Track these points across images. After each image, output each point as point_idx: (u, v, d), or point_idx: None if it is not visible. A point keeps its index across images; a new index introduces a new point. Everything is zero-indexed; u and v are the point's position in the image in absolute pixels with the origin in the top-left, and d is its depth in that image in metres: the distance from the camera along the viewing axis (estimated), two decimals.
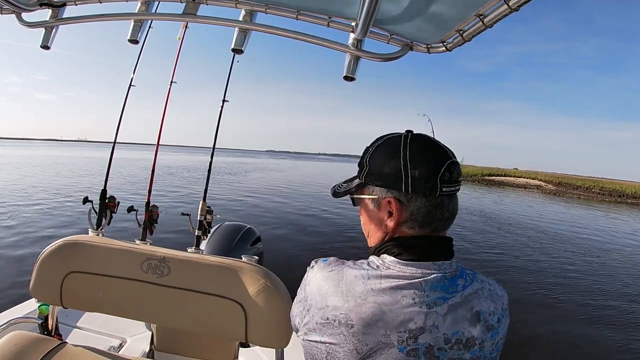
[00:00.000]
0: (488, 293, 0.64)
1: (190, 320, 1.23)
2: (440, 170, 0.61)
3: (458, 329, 0.60)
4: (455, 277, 0.63)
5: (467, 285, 0.63)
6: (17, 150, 39.76)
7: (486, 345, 0.61)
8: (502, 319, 0.64)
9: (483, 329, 0.61)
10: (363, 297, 0.60)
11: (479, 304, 0.62)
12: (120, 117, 2.50)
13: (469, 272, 0.66)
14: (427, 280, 0.61)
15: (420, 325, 0.59)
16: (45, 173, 16.09)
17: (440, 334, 0.59)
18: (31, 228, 6.33)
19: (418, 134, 0.68)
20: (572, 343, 3.87)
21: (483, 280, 0.66)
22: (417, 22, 1.10)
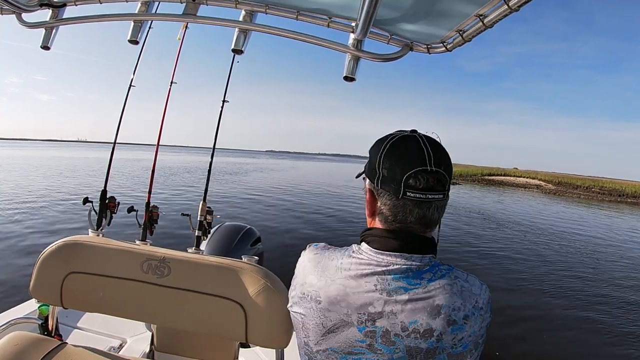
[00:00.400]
0: (458, 289, 0.64)
1: (190, 320, 1.23)
2: (405, 175, 0.64)
3: (416, 319, 0.63)
4: (422, 270, 0.66)
5: (433, 280, 0.65)
6: (18, 151, 39.75)
7: (445, 338, 0.63)
8: (471, 317, 0.64)
9: (443, 322, 0.63)
10: (332, 278, 0.68)
11: (442, 298, 0.63)
12: (121, 117, 2.50)
13: (444, 268, 0.67)
14: (391, 270, 0.65)
15: (379, 310, 0.64)
16: (47, 173, 16.09)
17: (397, 321, 0.63)
18: (31, 229, 6.33)
19: (407, 136, 0.69)
20: (570, 339, 3.88)
21: (458, 277, 0.66)
22: (417, 23, 1.10)
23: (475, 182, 34.73)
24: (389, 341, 0.64)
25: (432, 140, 0.68)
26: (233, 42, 1.29)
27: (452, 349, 0.64)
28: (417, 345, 0.63)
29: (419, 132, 0.70)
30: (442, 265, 0.68)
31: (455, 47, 1.15)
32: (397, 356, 0.64)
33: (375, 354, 0.65)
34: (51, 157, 30.71)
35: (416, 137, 0.68)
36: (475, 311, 0.64)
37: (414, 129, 0.71)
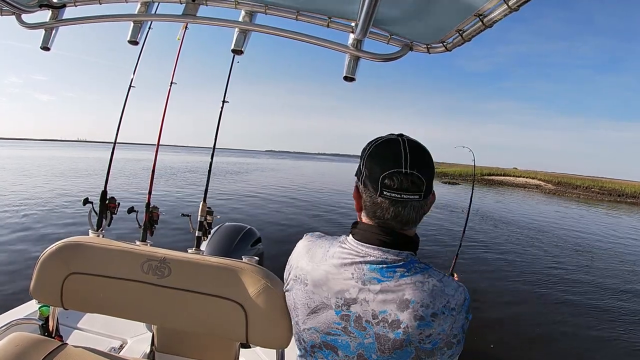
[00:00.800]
0: (429, 288, 0.67)
1: (190, 321, 1.23)
2: (382, 175, 0.68)
3: (385, 309, 0.68)
4: (397, 265, 0.70)
5: (405, 275, 0.69)
6: (19, 151, 39.69)
7: (412, 332, 0.66)
8: (440, 316, 0.66)
9: (410, 316, 0.66)
10: (319, 263, 0.76)
11: (411, 293, 0.67)
12: (121, 117, 2.50)
13: (419, 266, 0.71)
14: (367, 261, 0.71)
15: (354, 297, 0.70)
16: (48, 173, 16.08)
17: (369, 309, 0.69)
18: (31, 230, 6.33)
19: (390, 139, 0.72)
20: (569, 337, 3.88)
21: (431, 276, 0.69)
22: (416, 22, 1.10)
23: (476, 182, 34.69)
24: (360, 326, 0.70)
25: (414, 144, 0.71)
26: (233, 43, 1.29)
27: (420, 344, 0.67)
28: (385, 334, 0.68)
29: (406, 135, 0.73)
30: (418, 263, 0.72)
31: (455, 46, 1.15)
32: (368, 342, 0.70)
33: (349, 337, 0.72)
34: (52, 157, 30.65)
35: (398, 140, 0.71)
36: (445, 311, 0.67)
37: (401, 133, 0.74)
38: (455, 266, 1.37)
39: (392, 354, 0.68)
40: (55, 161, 26.08)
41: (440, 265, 2.58)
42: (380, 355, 0.69)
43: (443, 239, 7.94)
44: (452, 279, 0.71)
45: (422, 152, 0.71)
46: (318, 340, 0.76)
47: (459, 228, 8.85)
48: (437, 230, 8.92)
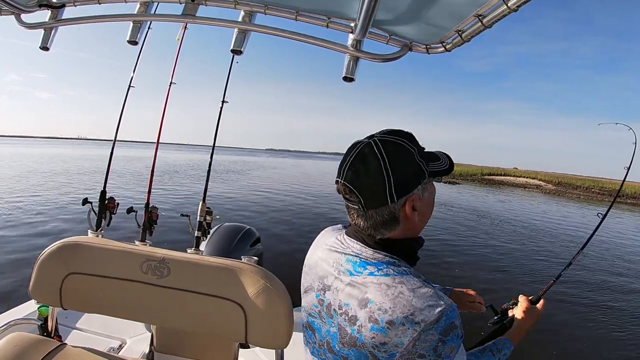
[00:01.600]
0: (393, 293, 0.64)
1: (190, 321, 1.23)
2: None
3: (349, 302, 0.69)
4: (369, 262, 0.70)
5: (373, 274, 0.68)
6: (21, 149, 39.61)
7: (364, 333, 0.65)
8: (398, 326, 0.62)
9: (366, 316, 0.65)
10: (316, 250, 0.84)
11: (373, 294, 0.66)
12: (120, 117, 2.50)
13: (396, 269, 0.68)
14: (346, 253, 0.74)
15: (329, 284, 0.74)
16: (50, 172, 16.09)
17: (337, 298, 0.71)
18: (31, 229, 6.33)
19: (353, 144, 0.73)
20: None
21: (403, 284, 0.65)
22: (416, 23, 1.10)
23: (475, 182, 34.72)
24: (329, 314, 0.73)
25: (365, 151, 0.69)
26: (232, 43, 1.28)
27: (374, 350, 0.64)
28: (345, 327, 0.69)
29: (378, 137, 0.71)
30: (396, 266, 0.69)
31: (454, 47, 1.15)
32: (333, 330, 0.72)
33: (321, 322, 0.75)
34: (57, 154, 30.52)
35: (355, 145, 0.72)
36: (405, 322, 0.62)
37: (371, 134, 0.73)
38: (547, 291, 1.20)
39: (350, 350, 0.68)
40: (59, 159, 26.05)
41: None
42: (341, 348, 0.69)
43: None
44: (432, 291, 0.64)
45: (363, 161, 0.68)
46: (305, 319, 0.82)
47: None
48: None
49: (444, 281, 1.19)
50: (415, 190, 0.70)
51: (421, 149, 0.73)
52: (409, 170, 0.68)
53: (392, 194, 0.67)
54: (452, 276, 5.53)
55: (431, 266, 5.71)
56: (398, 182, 0.67)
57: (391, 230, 0.71)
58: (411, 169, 0.69)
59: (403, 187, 0.68)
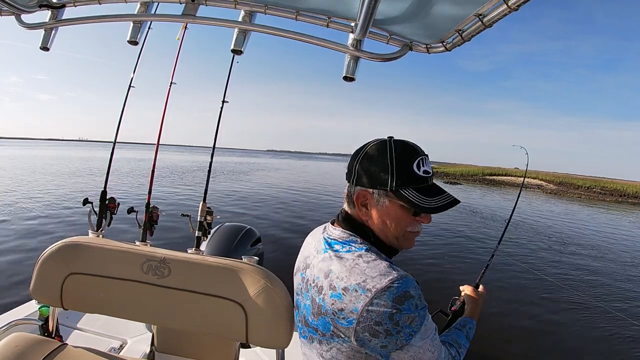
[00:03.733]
0: (351, 264, 0.71)
1: (190, 321, 1.23)
2: None
3: (318, 275, 0.75)
4: (336, 241, 0.79)
5: (338, 250, 0.76)
6: (26, 150, 39.63)
7: (326, 300, 0.72)
8: (351, 292, 0.68)
9: (327, 284, 0.72)
10: (308, 236, 0.92)
11: (335, 266, 0.73)
12: (120, 117, 2.50)
13: (357, 246, 0.76)
14: (323, 236, 0.83)
15: (309, 262, 0.81)
16: (53, 172, 16.11)
17: (312, 273, 0.78)
18: (31, 229, 6.34)
19: (371, 143, 0.81)
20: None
21: (362, 257, 0.72)
22: (416, 22, 1.10)
23: (476, 182, 34.69)
24: (306, 288, 0.79)
25: (371, 146, 0.78)
26: (232, 43, 1.28)
27: (334, 316, 0.70)
28: (314, 298, 0.75)
29: (394, 139, 0.79)
30: (358, 244, 0.77)
31: (454, 46, 1.15)
32: (308, 303, 0.78)
33: (302, 297, 0.81)
34: (63, 156, 30.54)
35: (369, 147, 0.80)
36: (358, 288, 0.67)
37: (390, 136, 0.80)
38: (482, 277, 1.30)
39: (318, 320, 0.74)
40: (65, 160, 26.07)
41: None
42: (313, 319, 0.76)
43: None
44: (387, 264, 0.70)
45: (366, 150, 0.79)
46: (294, 300, 0.90)
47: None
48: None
49: None
50: (369, 189, 0.77)
51: (412, 171, 0.75)
52: (372, 168, 0.76)
53: (353, 177, 0.79)
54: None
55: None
56: (359, 171, 0.78)
57: (351, 208, 0.82)
58: (375, 170, 0.75)
59: (359, 177, 0.78)
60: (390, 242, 0.79)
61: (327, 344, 0.73)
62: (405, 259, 5.86)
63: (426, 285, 1.20)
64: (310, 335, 0.78)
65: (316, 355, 0.78)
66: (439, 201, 0.75)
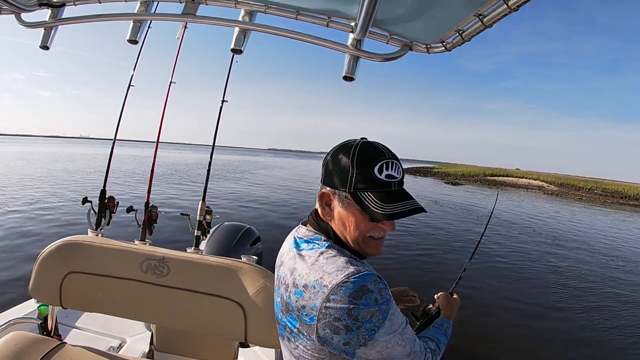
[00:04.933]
0: (311, 261, 0.72)
1: (189, 320, 1.23)
2: None
3: (286, 272, 0.77)
4: (303, 239, 0.79)
5: (303, 249, 0.77)
6: (28, 147, 39.65)
7: (291, 298, 0.73)
8: (310, 289, 0.69)
9: (291, 282, 0.74)
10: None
11: (298, 263, 0.74)
12: (120, 116, 2.50)
13: (319, 245, 0.76)
14: (294, 235, 0.83)
15: (283, 260, 0.82)
16: (54, 170, 16.13)
17: (283, 271, 0.79)
18: (30, 227, 6.35)
19: (341, 143, 0.80)
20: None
21: (323, 254, 0.72)
22: (416, 22, 1.10)
23: (477, 183, 34.64)
24: (278, 286, 0.80)
25: (336, 149, 0.78)
26: (232, 42, 1.28)
27: (299, 313, 0.71)
28: (282, 295, 0.76)
29: (365, 140, 0.78)
30: (319, 241, 0.77)
31: (454, 46, 1.15)
32: (278, 300, 0.79)
33: (277, 296, 0.81)
34: (72, 153, 30.51)
35: (362, 142, 0.78)
36: (317, 285, 0.68)
37: (364, 137, 0.79)
38: (456, 286, 1.27)
39: (286, 317, 0.75)
40: (76, 157, 26.03)
41: (441, 279, 2.53)
42: (282, 316, 0.77)
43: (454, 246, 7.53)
44: (346, 260, 0.70)
45: (334, 150, 0.79)
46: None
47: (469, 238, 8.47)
48: (448, 235, 8.55)
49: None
50: (330, 189, 0.77)
51: (371, 174, 0.71)
52: (336, 169, 0.75)
53: (321, 176, 0.80)
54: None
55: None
56: (326, 170, 0.78)
57: (320, 207, 0.80)
58: (338, 170, 0.75)
59: (325, 176, 0.78)
60: (352, 245, 0.77)
61: (294, 340, 0.75)
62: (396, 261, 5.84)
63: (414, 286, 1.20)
64: (281, 333, 0.80)
65: (287, 352, 0.79)
66: (397, 208, 0.70)
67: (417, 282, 5.13)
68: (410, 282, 5.27)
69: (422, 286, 4.89)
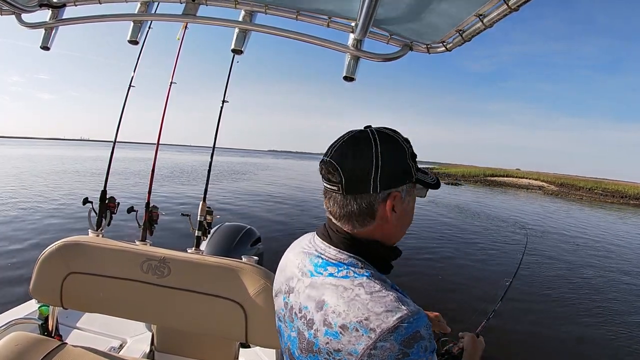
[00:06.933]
0: (349, 296, 0.59)
1: (190, 320, 1.23)
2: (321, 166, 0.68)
3: (307, 305, 0.64)
4: (331, 263, 0.65)
5: (333, 275, 0.63)
6: (29, 149, 39.62)
7: (319, 337, 0.59)
8: (351, 331, 0.56)
9: (321, 319, 0.60)
10: (288, 251, 0.78)
11: (329, 296, 0.61)
12: (120, 117, 2.50)
13: (357, 271, 0.63)
14: (310, 253, 0.70)
15: (293, 286, 0.69)
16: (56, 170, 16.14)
17: (298, 301, 0.66)
18: (30, 227, 6.35)
19: (352, 131, 0.69)
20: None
21: (361, 286, 0.60)
22: (416, 22, 1.10)
23: (478, 183, 34.63)
24: (291, 317, 0.68)
25: (357, 135, 0.66)
26: (233, 42, 1.29)
27: (329, 357, 0.59)
28: (303, 331, 0.64)
29: (375, 129, 0.67)
30: (358, 267, 0.64)
31: (455, 47, 1.15)
32: (293, 335, 0.67)
33: (285, 326, 0.71)
34: (76, 156, 30.55)
35: (349, 131, 0.68)
36: (359, 327, 0.56)
37: (368, 125, 0.69)
38: (483, 328, 1.15)
39: (307, 357, 0.62)
40: (81, 159, 25.96)
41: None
42: (299, 354, 0.64)
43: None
44: (394, 296, 0.58)
45: (355, 143, 0.64)
46: (276, 323, 0.77)
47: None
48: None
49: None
50: (400, 189, 0.65)
51: (414, 154, 0.68)
52: (398, 164, 0.64)
53: (377, 182, 0.62)
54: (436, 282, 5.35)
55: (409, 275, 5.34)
56: (385, 172, 0.62)
57: (364, 225, 0.66)
58: (400, 165, 0.65)
59: (389, 178, 0.63)
60: (392, 241, 0.70)
61: None
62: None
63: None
64: None
65: None
66: (429, 172, 0.71)
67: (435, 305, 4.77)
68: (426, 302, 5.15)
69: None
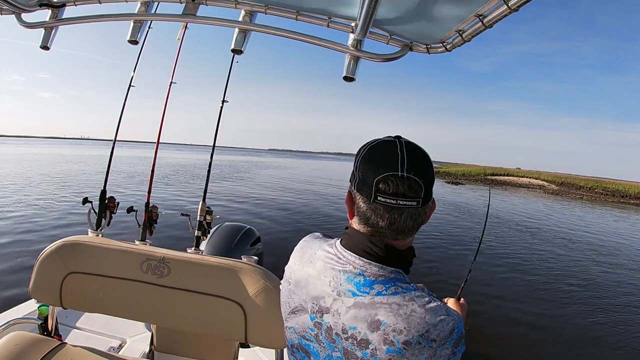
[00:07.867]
0: (405, 312, 0.61)
1: (190, 320, 1.23)
2: (376, 179, 0.63)
3: (355, 325, 0.63)
4: (376, 281, 0.64)
5: (382, 293, 0.63)
6: (30, 148, 39.68)
7: (380, 355, 0.61)
8: (414, 345, 0.60)
9: (380, 339, 0.61)
10: (303, 265, 0.74)
11: (385, 315, 0.62)
12: (120, 117, 2.51)
13: (403, 286, 0.64)
14: (346, 270, 0.66)
15: (327, 306, 0.67)
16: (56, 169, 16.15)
17: (340, 322, 0.65)
18: (31, 228, 6.35)
19: (386, 141, 0.67)
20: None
21: (413, 300, 0.62)
22: (416, 23, 1.10)
23: (479, 182, 34.61)
24: (330, 338, 0.67)
25: (412, 146, 0.66)
26: (233, 42, 1.28)
27: None
28: (353, 351, 0.64)
29: (404, 138, 0.68)
30: (403, 282, 0.65)
31: (454, 47, 1.15)
32: (336, 355, 0.66)
33: (319, 346, 0.69)
34: (79, 154, 30.58)
35: (395, 142, 0.66)
36: (422, 341, 0.60)
37: (398, 135, 0.69)
38: (463, 290, 1.27)
39: None
40: (83, 158, 26.08)
41: (446, 282, 2.49)
42: None
43: (459, 248, 7.32)
44: (440, 305, 0.63)
45: (421, 155, 0.66)
46: (296, 341, 0.74)
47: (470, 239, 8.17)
48: (450, 238, 8.30)
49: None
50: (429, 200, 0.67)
51: None
52: (429, 169, 0.66)
53: (430, 191, 0.65)
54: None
55: None
56: (428, 181, 0.64)
57: (413, 234, 0.68)
58: (431, 179, 0.66)
59: (425, 195, 0.64)
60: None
61: None
62: None
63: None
64: None
65: None
66: None
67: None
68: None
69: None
